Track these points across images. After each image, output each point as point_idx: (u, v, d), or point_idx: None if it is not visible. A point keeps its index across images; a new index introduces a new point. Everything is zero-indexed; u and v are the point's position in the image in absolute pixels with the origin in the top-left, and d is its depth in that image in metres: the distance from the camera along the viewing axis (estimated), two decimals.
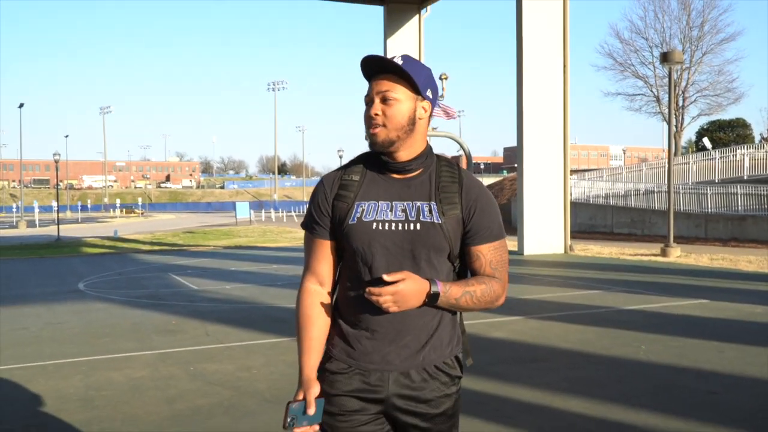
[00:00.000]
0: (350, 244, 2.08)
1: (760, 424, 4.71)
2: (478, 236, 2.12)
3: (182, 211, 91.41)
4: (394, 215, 2.08)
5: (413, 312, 2.04)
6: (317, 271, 2.17)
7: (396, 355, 2.07)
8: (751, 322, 8.56)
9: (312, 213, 2.18)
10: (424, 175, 2.14)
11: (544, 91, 19.71)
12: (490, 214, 2.14)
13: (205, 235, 32.79)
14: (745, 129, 60.31)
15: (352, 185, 2.14)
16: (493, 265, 2.14)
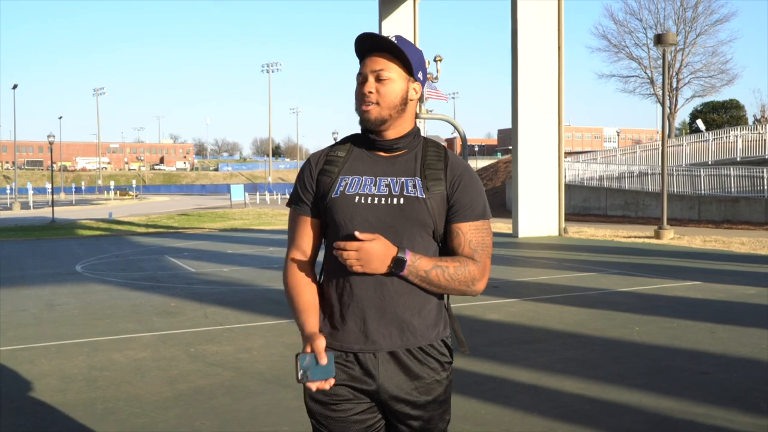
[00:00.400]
0: (333, 217, 2.07)
1: (753, 404, 4.81)
2: (459, 213, 2.08)
3: (176, 193, 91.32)
4: (378, 189, 2.06)
5: (397, 290, 2.02)
6: (301, 247, 2.16)
7: (380, 334, 2.05)
8: (744, 303, 8.68)
9: (297, 190, 2.18)
10: (410, 154, 2.13)
11: (539, 73, 19.73)
12: (474, 192, 2.11)
13: (200, 217, 32.83)
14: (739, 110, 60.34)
15: (337, 161, 2.14)
16: (473, 245, 2.08)
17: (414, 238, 2.05)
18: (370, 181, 2.08)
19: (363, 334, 2.05)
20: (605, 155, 34.80)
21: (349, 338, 2.06)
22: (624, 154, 33.03)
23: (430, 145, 2.17)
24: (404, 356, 2.06)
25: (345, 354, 2.07)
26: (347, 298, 2.06)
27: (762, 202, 23.71)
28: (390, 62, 2.09)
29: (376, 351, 2.05)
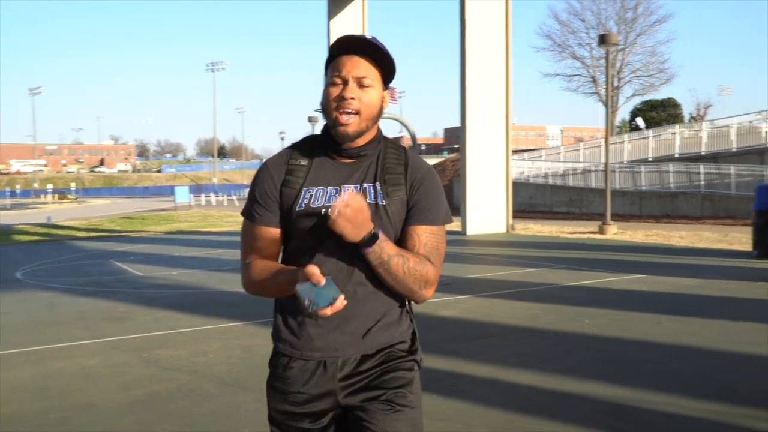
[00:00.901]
0: (298, 230, 1.99)
1: (700, 389, 4.98)
2: (416, 216, 2.01)
3: (118, 196, 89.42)
4: None
5: (360, 297, 1.95)
6: (262, 253, 2.06)
7: (341, 340, 1.98)
8: (686, 295, 8.96)
9: (257, 199, 2.05)
10: (372, 158, 2.05)
11: (487, 73, 19.96)
12: (434, 196, 2.04)
13: (143, 220, 32.24)
14: (676, 109, 62.21)
15: (299, 170, 2.03)
16: (427, 248, 2.00)
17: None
18: (335, 191, 1.99)
19: (322, 341, 1.98)
20: (550, 153, 35.47)
21: (310, 345, 1.99)
22: (568, 152, 33.70)
23: (390, 147, 2.09)
24: (366, 360, 2.00)
25: (305, 362, 2.00)
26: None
27: (699, 197, 24.47)
28: (371, 68, 1.98)
29: (338, 357, 1.99)
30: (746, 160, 23.94)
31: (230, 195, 65.15)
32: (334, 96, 1.96)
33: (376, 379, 2.00)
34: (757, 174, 22.43)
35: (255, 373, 5.72)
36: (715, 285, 9.67)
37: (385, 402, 1.98)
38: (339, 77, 1.96)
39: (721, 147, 26.09)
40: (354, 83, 1.95)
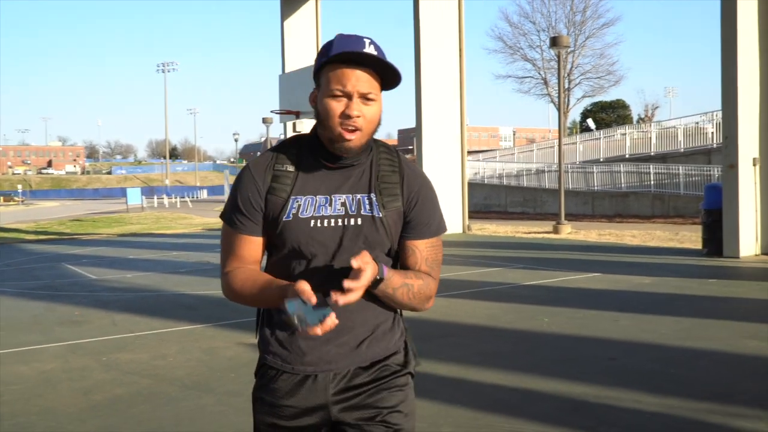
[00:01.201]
0: (285, 242, 1.89)
1: (658, 386, 5.10)
2: (416, 231, 1.95)
3: (67, 198, 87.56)
4: (333, 210, 1.89)
5: (352, 306, 1.82)
6: (245, 261, 1.96)
7: (334, 353, 1.90)
8: (641, 292, 9.16)
9: (239, 206, 1.92)
10: (364, 165, 1.95)
11: (441, 74, 20.10)
12: (431, 208, 1.98)
13: (94, 222, 31.63)
14: (625, 110, 63.60)
15: (286, 177, 1.91)
16: (429, 263, 1.97)
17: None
18: (325, 200, 1.90)
19: (314, 355, 1.90)
20: (504, 154, 35.91)
21: (301, 359, 1.91)
22: (522, 153, 34.16)
23: (383, 152, 1.99)
24: (360, 373, 1.94)
25: (294, 375, 1.92)
26: None
27: (649, 196, 25.02)
28: (374, 80, 1.86)
29: (332, 371, 1.92)
30: (694, 160, 24.56)
31: (183, 197, 64.31)
32: (339, 113, 1.83)
33: (370, 397, 1.93)
34: (704, 174, 23.04)
35: (216, 376, 5.68)
36: (668, 283, 9.91)
37: (381, 423, 1.93)
38: (342, 92, 1.83)
39: (669, 148, 26.72)
40: (358, 98, 1.84)
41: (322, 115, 1.87)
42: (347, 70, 1.83)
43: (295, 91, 21.31)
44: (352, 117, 1.83)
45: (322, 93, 1.88)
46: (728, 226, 12.45)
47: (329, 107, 1.85)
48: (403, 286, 1.88)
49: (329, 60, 1.83)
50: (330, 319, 1.70)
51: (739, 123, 12.29)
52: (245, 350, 6.55)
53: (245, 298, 1.92)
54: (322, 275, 1.87)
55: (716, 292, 9.04)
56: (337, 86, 1.84)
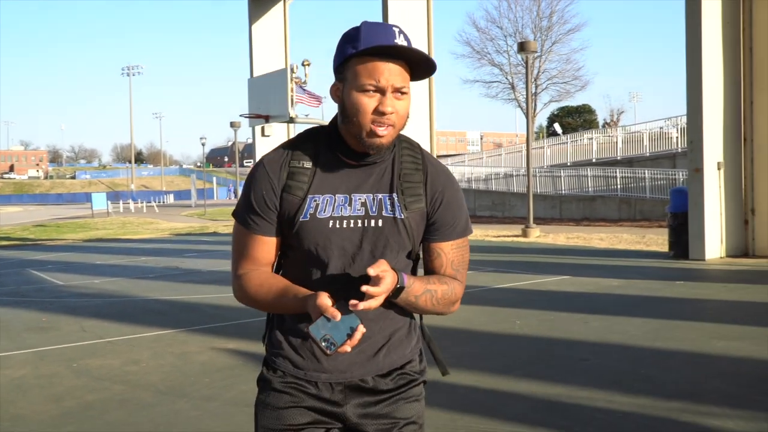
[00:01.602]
0: (301, 243, 1.79)
1: (629, 385, 5.18)
2: (440, 232, 1.86)
3: (30, 203, 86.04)
4: (353, 210, 1.79)
5: (370, 317, 1.77)
6: (258, 262, 1.87)
7: (351, 362, 1.82)
8: (610, 294, 9.29)
9: (252, 205, 1.82)
10: (386, 162, 1.84)
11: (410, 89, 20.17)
12: (456, 208, 1.88)
13: (58, 228, 31.16)
14: (591, 115, 64.46)
15: (303, 174, 1.80)
16: (455, 266, 1.88)
17: (391, 261, 1.77)
18: (344, 200, 1.79)
19: (332, 363, 1.83)
20: (472, 158, 36.15)
21: (316, 366, 1.83)
22: (490, 157, 34.41)
23: (405, 147, 1.88)
24: (378, 380, 1.86)
25: (307, 382, 1.84)
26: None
27: (616, 200, 25.37)
28: (406, 72, 1.75)
29: (347, 379, 1.84)
30: (659, 164, 24.96)
31: (149, 201, 63.60)
32: (371, 109, 1.72)
33: (388, 407, 1.86)
34: (670, 177, 23.43)
35: (190, 381, 5.64)
36: (636, 285, 10.06)
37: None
38: (375, 87, 1.71)
39: (635, 152, 27.12)
40: (391, 93, 1.72)
41: (350, 111, 1.74)
42: (379, 63, 1.71)
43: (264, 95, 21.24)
44: (386, 114, 1.72)
45: (349, 86, 1.75)
46: (694, 229, 12.68)
47: (360, 103, 1.72)
48: (426, 293, 1.79)
49: (359, 53, 1.71)
50: (358, 331, 1.63)
51: (704, 128, 12.54)
52: (218, 355, 6.51)
53: (260, 303, 1.84)
54: (341, 281, 1.78)
55: (683, 294, 9.20)
56: (369, 81, 1.71)
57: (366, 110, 1.72)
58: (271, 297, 1.80)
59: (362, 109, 1.72)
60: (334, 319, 1.61)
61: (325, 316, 1.61)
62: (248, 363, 6.15)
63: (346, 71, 1.75)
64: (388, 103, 1.72)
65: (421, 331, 2.00)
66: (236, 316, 8.32)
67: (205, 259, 15.83)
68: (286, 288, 1.79)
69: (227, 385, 5.47)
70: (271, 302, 1.81)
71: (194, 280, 12.21)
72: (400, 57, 1.72)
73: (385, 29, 1.72)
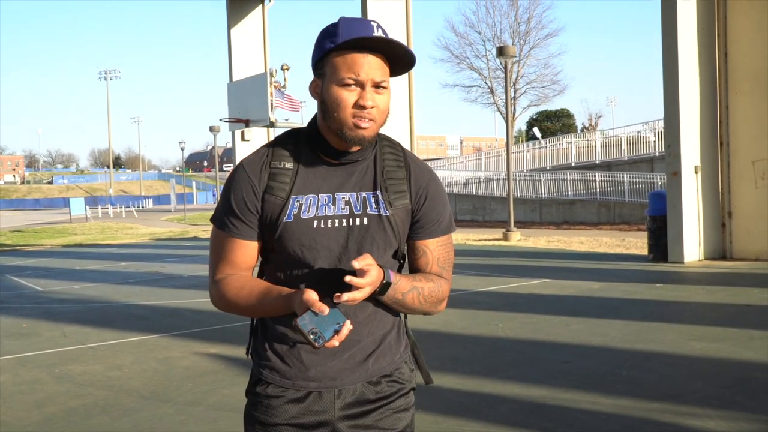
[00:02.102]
0: (285, 246, 1.75)
1: (611, 387, 5.23)
2: (425, 229, 1.84)
3: (6, 208, 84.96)
4: (337, 209, 1.76)
5: (359, 318, 1.76)
6: (237, 267, 1.82)
7: (339, 369, 1.78)
8: (591, 297, 9.37)
9: (232, 208, 1.77)
10: (368, 160, 1.82)
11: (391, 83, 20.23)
12: (440, 204, 1.86)
13: (36, 233, 30.85)
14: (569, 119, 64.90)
15: (284, 175, 1.77)
16: (441, 263, 1.86)
17: (378, 260, 1.73)
18: (327, 199, 1.76)
19: (318, 370, 1.78)
20: (452, 162, 36.24)
21: (304, 374, 1.78)
22: (470, 161, 34.54)
23: (386, 145, 1.87)
24: (367, 388, 1.82)
25: (296, 392, 1.79)
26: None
27: (595, 203, 25.57)
28: (386, 66, 1.74)
29: (337, 387, 1.79)
30: (637, 168, 25.19)
31: (128, 206, 63.11)
32: (351, 103, 1.70)
33: (378, 418, 1.81)
34: (648, 181, 23.66)
35: (174, 386, 5.61)
36: (617, 288, 10.15)
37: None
38: (355, 80, 1.70)
39: (613, 156, 27.35)
40: (371, 87, 1.71)
41: (330, 106, 1.72)
42: (358, 56, 1.69)
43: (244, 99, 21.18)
44: (367, 108, 1.70)
45: (329, 81, 1.73)
46: (672, 233, 12.82)
47: (340, 97, 1.70)
48: (413, 290, 1.76)
49: (337, 47, 1.69)
50: (346, 326, 1.59)
51: (681, 132, 12.69)
52: (201, 360, 6.48)
53: (240, 308, 1.78)
54: (328, 281, 1.73)
55: (663, 297, 9.30)
56: (348, 74, 1.69)
57: (346, 104, 1.70)
58: (254, 299, 1.74)
59: (342, 104, 1.70)
60: (321, 313, 1.57)
61: (312, 310, 1.58)
62: (231, 367, 6.14)
63: (325, 66, 1.73)
64: (368, 96, 1.70)
65: (407, 336, 1.95)
66: (218, 321, 8.29)
67: (186, 264, 15.75)
68: (268, 288, 1.75)
69: (210, 390, 5.45)
70: (254, 305, 1.75)
71: (175, 285, 12.15)
72: (378, 50, 1.71)
73: (363, 23, 1.70)
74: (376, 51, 1.71)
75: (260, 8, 25.83)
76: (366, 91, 1.70)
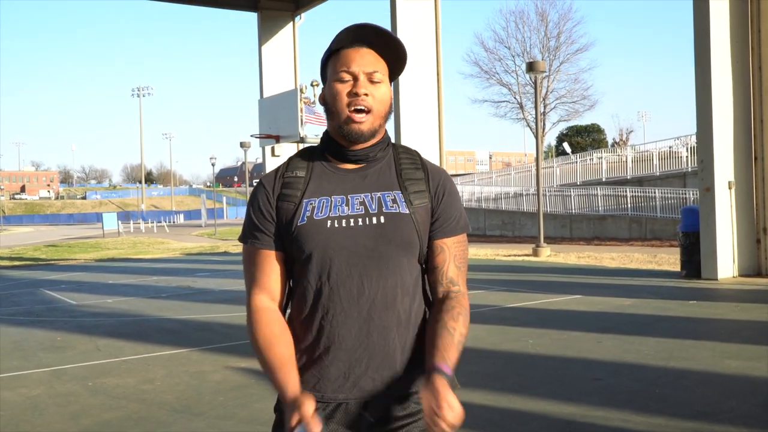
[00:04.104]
0: (302, 249, 1.76)
1: (643, 405, 5.17)
2: (443, 227, 1.84)
3: (41, 223, 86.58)
4: (351, 209, 1.77)
5: (385, 324, 1.75)
6: (267, 287, 1.82)
7: (369, 379, 1.76)
8: (622, 314, 9.27)
9: (253, 220, 1.83)
10: (381, 163, 1.85)
11: (420, 100, 20.30)
12: (457, 203, 1.88)
13: (70, 248, 31.31)
14: (600, 134, 64.42)
15: (297, 182, 1.81)
16: (458, 262, 1.85)
17: (400, 262, 1.77)
18: (341, 200, 1.78)
19: (349, 381, 1.76)
20: (482, 177, 36.17)
21: (332, 386, 1.77)
22: (499, 176, 34.42)
23: (401, 151, 1.90)
24: (395, 404, 1.79)
25: (326, 404, 1.77)
26: (327, 340, 1.76)
27: (626, 219, 25.31)
28: (380, 61, 1.80)
29: (364, 398, 1.77)
30: (669, 183, 24.93)
31: (160, 221, 63.86)
32: (345, 92, 1.77)
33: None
34: (680, 197, 23.39)
35: (206, 400, 5.66)
36: (649, 304, 10.04)
37: None
38: (347, 72, 1.77)
39: (645, 171, 27.09)
40: (365, 78, 1.77)
41: (330, 102, 1.80)
42: (350, 50, 1.79)
43: (274, 115, 21.39)
44: (360, 95, 1.75)
45: (328, 81, 1.82)
46: (706, 249, 12.65)
47: (335, 90, 1.78)
48: (458, 346, 1.74)
49: (332, 49, 1.81)
50: None
51: (714, 147, 12.55)
52: (233, 374, 6.53)
53: (258, 357, 1.80)
54: (349, 284, 1.75)
55: (696, 314, 9.17)
56: (341, 68, 1.78)
57: (341, 95, 1.77)
58: (265, 357, 1.76)
59: (338, 96, 1.77)
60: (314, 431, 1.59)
61: (302, 426, 1.60)
62: (261, 382, 6.17)
63: (327, 72, 1.84)
64: (361, 84, 1.76)
65: None
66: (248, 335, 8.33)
67: (217, 279, 15.88)
68: (279, 365, 1.74)
69: (241, 404, 5.49)
70: (262, 360, 1.78)
71: (206, 299, 12.27)
72: (367, 43, 1.79)
73: (360, 23, 1.79)
74: (365, 44, 1.79)
75: (291, 25, 26.12)
76: (359, 81, 1.76)
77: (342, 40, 1.79)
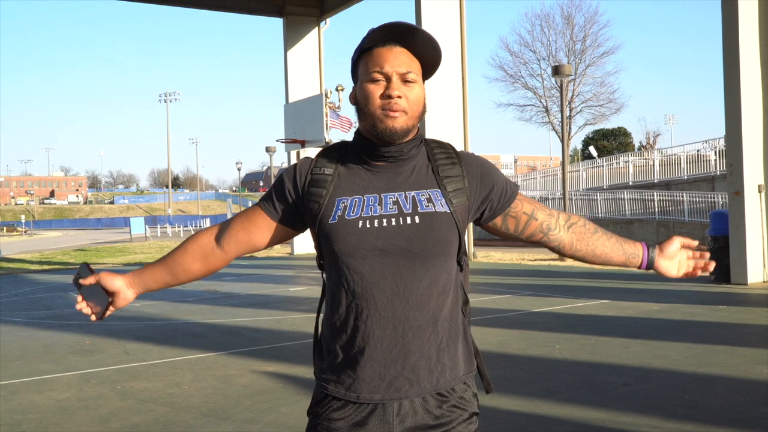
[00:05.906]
0: (333, 249, 1.73)
1: (672, 411, 5.12)
2: (504, 198, 1.87)
3: (70, 228, 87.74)
4: (384, 209, 1.72)
5: (420, 323, 1.72)
6: (226, 233, 1.92)
7: (405, 379, 1.72)
8: (650, 319, 9.17)
9: (272, 194, 1.87)
10: (414, 161, 1.80)
11: (445, 103, 20.27)
12: (499, 175, 1.88)
13: (98, 252, 31.69)
14: (627, 137, 63.82)
15: (323, 180, 1.78)
16: (544, 210, 1.93)
17: (435, 262, 1.73)
18: (374, 199, 1.74)
19: (385, 381, 1.73)
20: None
21: (368, 387, 1.73)
22: (525, 180, 34.28)
23: (435, 146, 1.86)
24: (432, 401, 1.76)
25: (359, 405, 1.75)
26: (362, 340, 1.73)
27: (654, 223, 25.06)
28: (414, 61, 1.76)
29: (402, 399, 1.73)
30: (697, 187, 24.64)
31: (186, 226, 64.42)
32: (379, 94, 1.73)
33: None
34: (708, 200, 23.11)
35: (232, 404, 5.69)
36: (677, 309, 9.92)
37: None
38: (380, 73, 1.73)
39: (672, 175, 26.82)
40: (398, 79, 1.73)
41: (362, 103, 1.76)
42: (382, 49, 1.74)
43: (299, 119, 21.52)
44: (393, 97, 1.71)
45: (360, 82, 1.78)
46: (735, 253, 12.48)
47: (368, 90, 1.74)
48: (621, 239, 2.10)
49: (363, 48, 1.77)
50: (92, 315, 2.00)
51: (744, 150, 12.39)
52: (259, 378, 6.57)
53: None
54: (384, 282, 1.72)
55: (726, 319, 9.05)
56: (374, 68, 1.73)
57: (374, 96, 1.73)
58: (166, 255, 2.01)
59: (371, 96, 1.73)
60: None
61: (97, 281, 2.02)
62: (288, 386, 6.20)
63: (358, 71, 1.80)
64: (395, 86, 1.72)
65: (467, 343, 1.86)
66: (275, 339, 8.39)
67: (243, 283, 15.98)
68: (163, 261, 2.00)
69: (268, 408, 5.52)
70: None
71: (233, 303, 12.34)
72: (402, 42, 1.75)
73: (394, 22, 1.75)
74: (398, 43, 1.75)
75: (316, 30, 26.26)
76: (393, 82, 1.72)
77: (374, 38, 1.74)
